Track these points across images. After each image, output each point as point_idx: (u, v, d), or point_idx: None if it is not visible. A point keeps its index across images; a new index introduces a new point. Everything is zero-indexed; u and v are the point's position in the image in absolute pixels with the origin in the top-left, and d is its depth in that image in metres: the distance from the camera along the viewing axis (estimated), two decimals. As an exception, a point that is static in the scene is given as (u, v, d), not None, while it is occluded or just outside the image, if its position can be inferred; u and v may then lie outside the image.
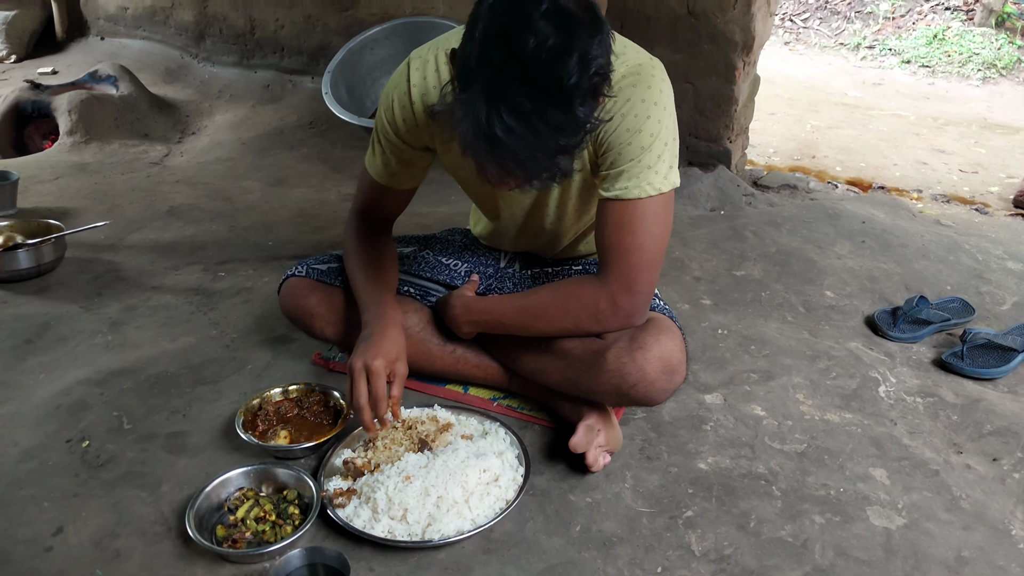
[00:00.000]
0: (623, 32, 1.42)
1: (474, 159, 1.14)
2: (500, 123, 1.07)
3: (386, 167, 1.59)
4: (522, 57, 1.06)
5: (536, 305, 1.54)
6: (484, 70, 1.08)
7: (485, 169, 1.15)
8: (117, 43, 5.10)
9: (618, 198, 1.38)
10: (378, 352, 1.46)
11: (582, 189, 1.55)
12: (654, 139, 1.36)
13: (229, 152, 3.76)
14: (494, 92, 1.07)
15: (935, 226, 3.00)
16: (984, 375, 1.96)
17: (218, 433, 1.67)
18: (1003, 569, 1.38)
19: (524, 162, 1.11)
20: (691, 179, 3.09)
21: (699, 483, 1.56)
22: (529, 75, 1.06)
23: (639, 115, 1.35)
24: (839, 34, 7.37)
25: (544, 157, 1.11)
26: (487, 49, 1.08)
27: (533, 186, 1.19)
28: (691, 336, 2.07)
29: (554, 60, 1.06)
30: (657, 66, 1.40)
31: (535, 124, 1.08)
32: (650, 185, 1.37)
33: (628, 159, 1.37)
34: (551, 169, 1.14)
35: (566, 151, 1.13)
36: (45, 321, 2.11)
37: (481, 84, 1.08)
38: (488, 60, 1.08)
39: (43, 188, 3.15)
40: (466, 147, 1.13)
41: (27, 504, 1.46)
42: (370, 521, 1.39)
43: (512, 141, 1.08)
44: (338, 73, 2.47)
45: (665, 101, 1.38)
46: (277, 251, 2.61)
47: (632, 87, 1.36)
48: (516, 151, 1.09)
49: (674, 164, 1.41)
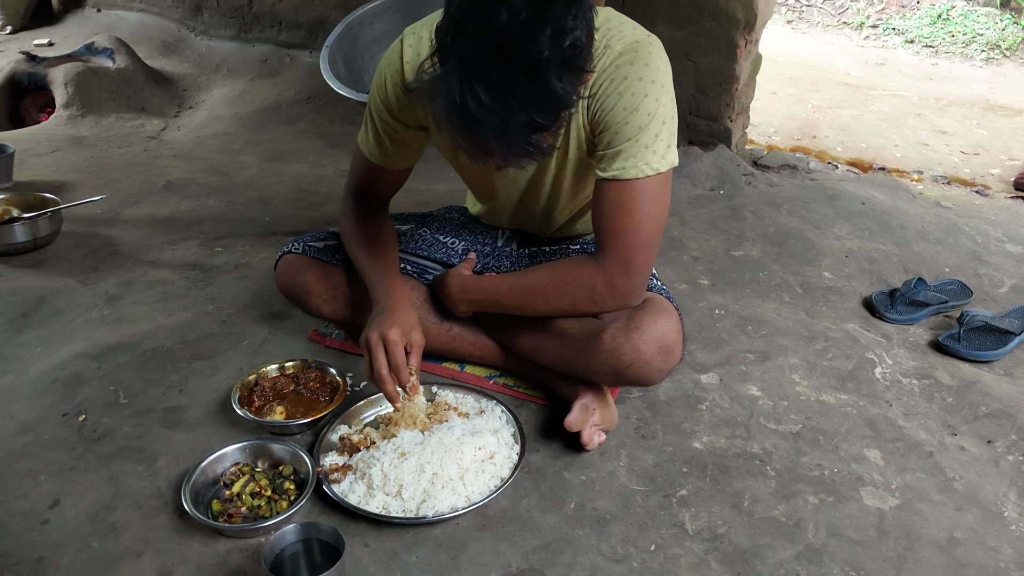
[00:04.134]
0: (623, 9, 1.40)
1: (450, 136, 1.13)
2: (473, 98, 1.06)
3: (380, 146, 1.57)
4: (494, 31, 1.05)
5: (533, 285, 1.53)
6: (458, 46, 1.08)
7: (461, 145, 1.15)
8: (114, 15, 5.04)
9: (615, 178, 1.37)
10: (393, 322, 1.46)
11: (577, 169, 1.54)
12: (651, 118, 1.34)
13: (226, 127, 3.73)
14: (468, 67, 1.06)
15: (935, 208, 2.99)
16: (980, 357, 1.96)
17: (214, 408, 1.67)
18: (995, 550, 1.39)
19: (500, 137, 1.10)
20: (691, 158, 3.08)
21: (693, 462, 1.56)
22: (502, 49, 1.05)
23: (636, 93, 1.33)
24: (842, 13, 7.30)
25: (519, 132, 1.10)
26: (461, 24, 1.08)
27: (512, 163, 1.18)
28: (688, 316, 2.06)
29: (526, 33, 1.05)
30: (655, 43, 1.38)
31: (508, 99, 1.07)
32: (647, 165, 1.35)
33: (625, 138, 1.35)
34: (529, 145, 1.13)
35: (541, 127, 1.12)
36: (41, 295, 2.10)
37: (455, 60, 1.08)
38: (462, 35, 1.08)
39: (39, 161, 3.14)
40: (441, 123, 1.12)
41: (24, 477, 1.47)
42: (365, 497, 1.39)
43: (485, 116, 1.07)
44: (336, 47, 2.45)
45: (663, 79, 1.36)
46: (274, 226, 2.60)
47: (629, 64, 1.34)
48: (490, 126, 1.08)
49: (672, 143, 1.39)
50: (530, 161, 1.19)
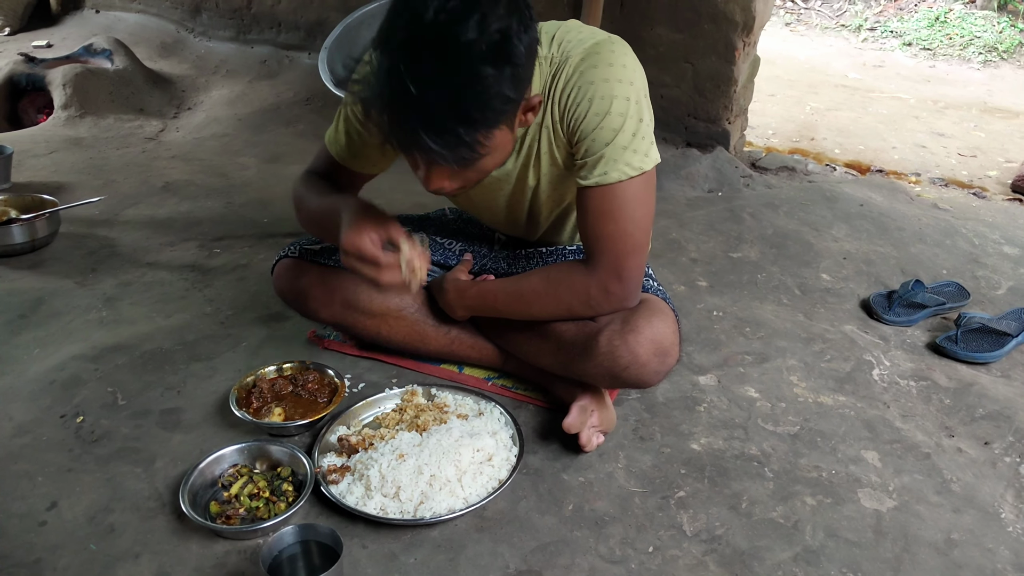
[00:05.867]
0: (622, 12, 1.39)
1: (385, 130, 1.13)
2: (400, 86, 1.06)
3: (348, 147, 1.53)
4: (422, 22, 1.05)
5: (528, 292, 1.52)
6: (392, 38, 1.08)
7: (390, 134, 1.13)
8: (112, 16, 5.04)
9: (598, 184, 1.35)
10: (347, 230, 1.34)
11: (556, 183, 1.52)
12: (624, 118, 1.32)
13: (225, 128, 3.73)
14: (396, 58, 1.07)
15: (932, 210, 2.99)
16: (978, 359, 1.96)
17: (212, 410, 1.67)
18: (992, 552, 1.39)
19: (427, 129, 1.09)
20: (689, 160, 3.08)
21: (692, 464, 1.56)
22: (431, 38, 1.06)
23: (604, 96, 1.32)
24: (840, 15, 7.32)
25: (448, 125, 1.09)
26: (396, 16, 1.08)
27: (444, 160, 1.14)
28: (686, 317, 2.07)
29: (451, 22, 1.05)
30: (616, 42, 1.36)
31: (435, 86, 1.06)
32: (628, 166, 1.34)
33: (603, 143, 1.33)
34: (459, 140, 1.11)
35: (470, 120, 1.10)
36: (39, 296, 2.10)
37: (384, 51, 1.08)
38: (395, 26, 1.08)
39: (37, 162, 3.13)
40: (375, 117, 1.12)
41: (21, 479, 1.46)
42: (363, 498, 1.39)
43: (412, 105, 1.07)
44: (335, 49, 2.45)
45: (630, 76, 1.33)
46: (273, 228, 2.60)
47: (593, 68, 1.32)
48: (417, 116, 1.08)
49: (651, 140, 1.37)
50: (463, 163, 1.15)
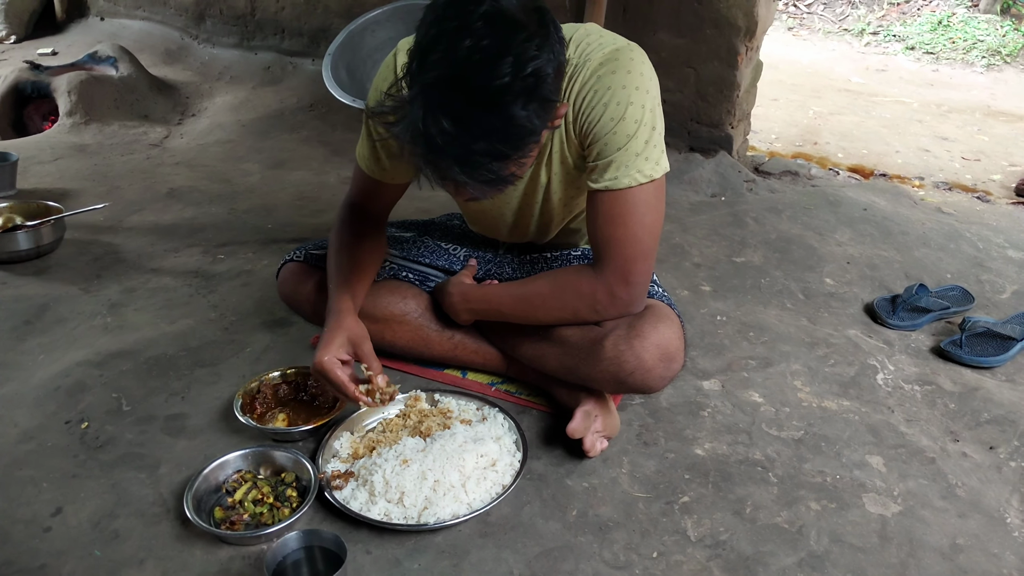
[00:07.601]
0: (624, 17, 1.40)
1: (417, 164, 1.13)
2: (436, 126, 1.06)
3: (376, 161, 1.56)
4: (456, 60, 1.05)
5: (534, 295, 1.53)
6: (423, 72, 1.08)
7: (423, 171, 1.15)
8: (117, 23, 5.06)
9: (608, 188, 1.36)
10: (320, 349, 1.48)
11: (567, 184, 1.54)
12: (639, 125, 1.34)
13: (229, 134, 3.74)
14: (431, 96, 1.07)
15: (936, 214, 2.99)
16: (982, 363, 1.96)
17: (217, 416, 1.67)
18: (997, 557, 1.39)
19: (461, 165, 1.10)
20: (692, 165, 3.08)
21: (696, 469, 1.56)
22: (463, 78, 1.06)
23: (620, 102, 1.33)
24: (843, 20, 7.32)
25: (481, 161, 1.10)
26: (426, 52, 1.08)
27: (476, 192, 1.17)
28: (690, 322, 2.07)
29: (486, 62, 1.05)
30: (635, 49, 1.37)
31: (469, 127, 1.07)
32: (640, 173, 1.35)
33: (615, 148, 1.34)
34: (491, 174, 1.13)
35: (503, 156, 1.12)
36: (44, 303, 2.11)
37: (419, 86, 1.08)
38: (426, 63, 1.08)
39: (42, 169, 3.14)
40: (403, 149, 1.13)
41: (26, 484, 1.47)
42: (367, 504, 1.40)
43: (446, 143, 1.07)
44: (339, 55, 2.46)
45: (647, 84, 1.35)
46: (277, 234, 2.61)
47: (611, 73, 1.33)
48: (451, 153, 1.09)
49: (663, 148, 1.39)
50: (494, 190, 1.18)
